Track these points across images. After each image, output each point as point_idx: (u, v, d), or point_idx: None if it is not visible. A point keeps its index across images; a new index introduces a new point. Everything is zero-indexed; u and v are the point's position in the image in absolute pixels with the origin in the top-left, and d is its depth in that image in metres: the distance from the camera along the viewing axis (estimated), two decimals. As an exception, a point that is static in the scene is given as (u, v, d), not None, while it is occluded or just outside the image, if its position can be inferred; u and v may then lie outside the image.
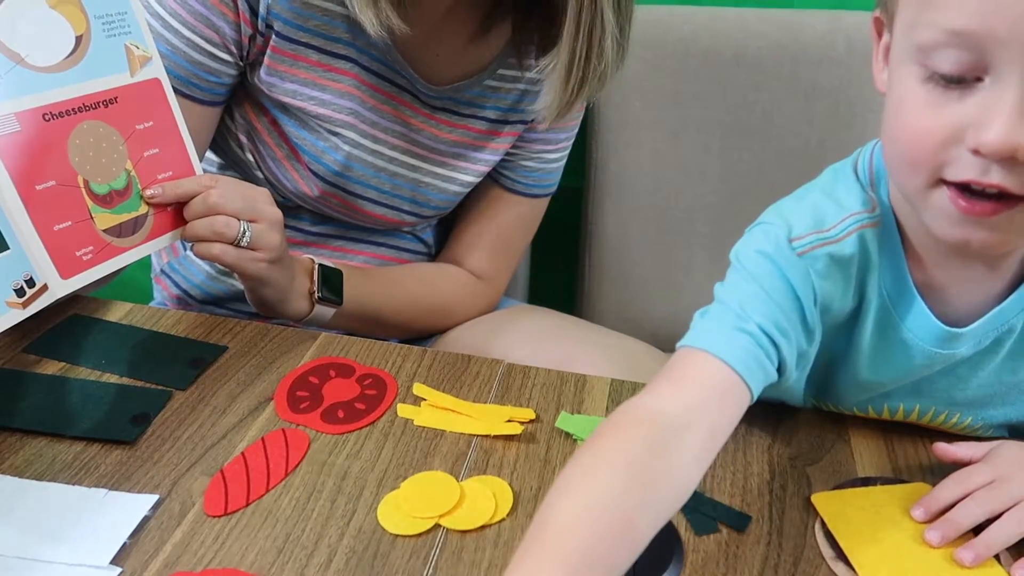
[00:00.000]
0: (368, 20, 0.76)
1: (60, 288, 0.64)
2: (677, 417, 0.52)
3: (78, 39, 0.66)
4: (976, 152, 0.48)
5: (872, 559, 0.56)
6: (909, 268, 0.60)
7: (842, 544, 0.57)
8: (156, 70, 0.72)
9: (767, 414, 0.70)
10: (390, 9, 0.76)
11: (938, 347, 0.61)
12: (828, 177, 0.64)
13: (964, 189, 0.50)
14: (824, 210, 0.61)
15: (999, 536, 0.56)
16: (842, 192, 0.61)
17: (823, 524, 0.59)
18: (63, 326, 0.77)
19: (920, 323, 0.61)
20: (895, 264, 0.60)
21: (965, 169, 0.49)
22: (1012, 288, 0.60)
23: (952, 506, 0.58)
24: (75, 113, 0.66)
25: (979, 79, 0.48)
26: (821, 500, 0.61)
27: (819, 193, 0.62)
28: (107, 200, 0.68)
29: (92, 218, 0.67)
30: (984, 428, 0.68)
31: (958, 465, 0.62)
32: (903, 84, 0.52)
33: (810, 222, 0.60)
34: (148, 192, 0.71)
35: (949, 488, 0.59)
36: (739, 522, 0.60)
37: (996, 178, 0.49)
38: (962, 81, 0.49)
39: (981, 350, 0.62)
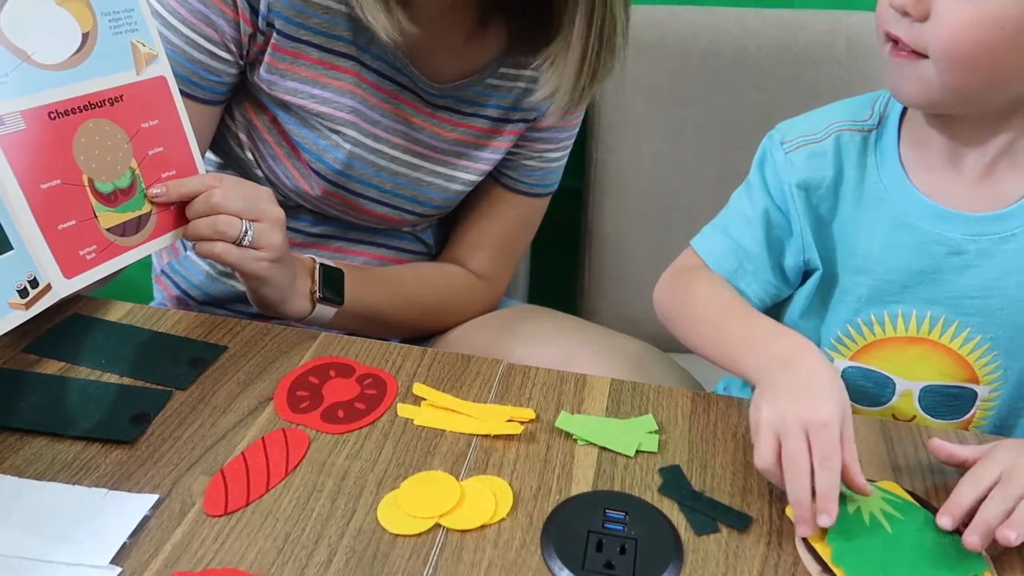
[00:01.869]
0: (381, 25, 0.77)
1: (64, 288, 0.64)
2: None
3: (84, 36, 0.66)
4: (892, 6, 0.64)
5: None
6: (903, 163, 0.73)
7: (824, 556, 0.56)
8: (162, 68, 0.72)
9: (767, 414, 0.70)
10: (400, 13, 0.77)
11: (933, 225, 0.70)
12: (838, 103, 0.78)
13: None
14: (816, 122, 0.76)
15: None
16: (837, 110, 0.77)
17: (803, 538, 0.58)
18: (63, 326, 0.77)
19: (911, 199, 0.71)
20: (889, 158, 0.73)
21: (886, 21, 0.65)
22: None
23: (972, 506, 0.58)
24: (81, 111, 0.66)
25: None
26: None
27: (823, 111, 0.77)
28: (111, 199, 0.68)
29: (96, 217, 0.67)
30: (1000, 380, 0.72)
31: (954, 465, 0.63)
32: None
33: (804, 130, 0.76)
34: (152, 191, 0.71)
35: (967, 491, 0.59)
36: (739, 522, 0.60)
37: (897, 29, 0.64)
38: None
39: (985, 248, 0.70)
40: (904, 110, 0.74)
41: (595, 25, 0.78)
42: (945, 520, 0.58)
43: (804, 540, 0.58)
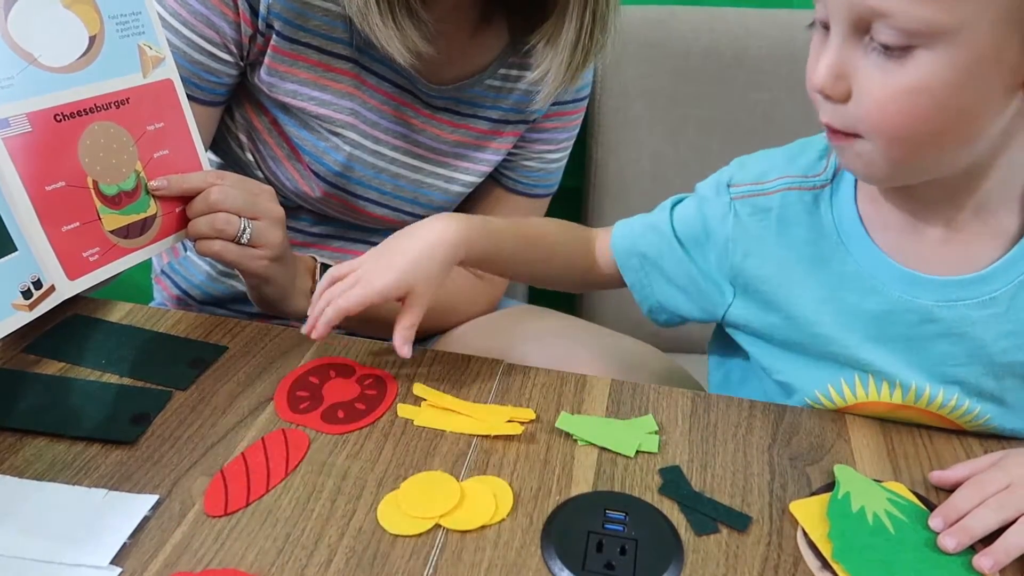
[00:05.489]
0: (397, 51, 0.77)
1: (67, 289, 0.64)
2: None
3: (92, 39, 0.66)
4: (811, 90, 0.59)
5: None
6: (863, 219, 0.67)
7: (824, 552, 0.56)
8: (169, 71, 0.72)
9: (767, 414, 0.71)
10: (414, 33, 0.77)
11: (903, 291, 0.65)
12: (797, 145, 0.73)
13: None
14: (770, 166, 0.71)
15: (1016, 541, 0.55)
16: (792, 158, 0.71)
17: (805, 534, 0.58)
18: (63, 326, 0.77)
19: (877, 262, 0.66)
20: (847, 216, 0.67)
21: (816, 104, 0.59)
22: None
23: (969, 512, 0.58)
24: (87, 114, 0.66)
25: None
26: (799, 508, 0.60)
27: (779, 154, 0.73)
28: (116, 201, 0.68)
29: (100, 219, 0.67)
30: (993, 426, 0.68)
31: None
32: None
33: (756, 174, 0.72)
34: (154, 183, 0.71)
35: (966, 496, 0.58)
36: (739, 522, 0.60)
37: (823, 114, 0.58)
38: (827, 27, 0.57)
39: (962, 315, 0.64)
40: None
41: (589, 3, 0.79)
42: (937, 522, 0.58)
43: (805, 536, 0.58)
